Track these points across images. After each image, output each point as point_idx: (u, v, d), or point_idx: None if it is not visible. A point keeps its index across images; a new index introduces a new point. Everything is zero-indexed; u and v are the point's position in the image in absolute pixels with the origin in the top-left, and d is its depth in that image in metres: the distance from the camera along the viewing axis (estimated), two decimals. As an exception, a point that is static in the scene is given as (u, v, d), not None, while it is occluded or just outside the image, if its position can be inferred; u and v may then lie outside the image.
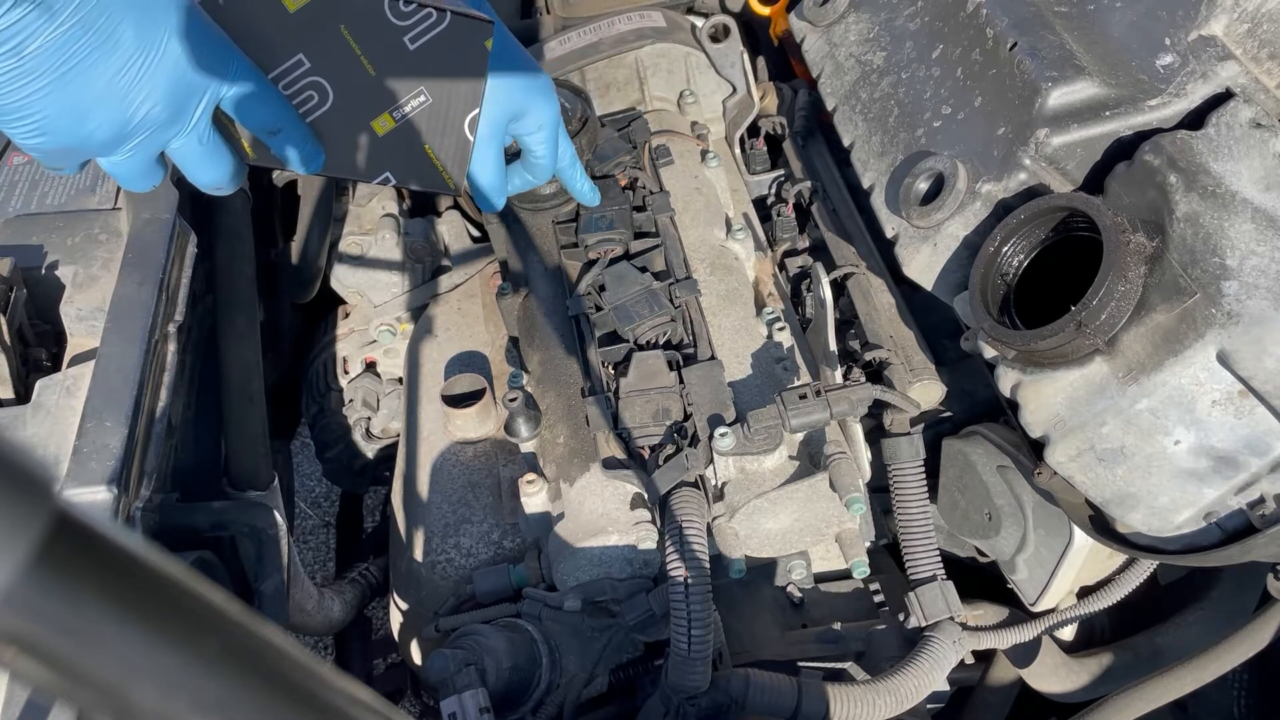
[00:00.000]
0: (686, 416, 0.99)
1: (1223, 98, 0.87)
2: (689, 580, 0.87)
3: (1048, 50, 0.95)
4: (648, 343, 1.05)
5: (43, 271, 0.99)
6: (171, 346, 0.98)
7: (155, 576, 0.32)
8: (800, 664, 1.01)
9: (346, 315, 1.48)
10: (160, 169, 0.75)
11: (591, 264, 1.13)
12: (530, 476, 1.03)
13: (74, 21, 0.66)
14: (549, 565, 1.01)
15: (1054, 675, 1.09)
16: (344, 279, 1.44)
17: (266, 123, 0.77)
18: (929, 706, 1.03)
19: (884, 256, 1.19)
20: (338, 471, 1.49)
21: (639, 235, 1.15)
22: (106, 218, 1.03)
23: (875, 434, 1.08)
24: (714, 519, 0.97)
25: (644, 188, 1.19)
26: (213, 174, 0.76)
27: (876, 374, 1.09)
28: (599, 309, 1.07)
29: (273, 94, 0.76)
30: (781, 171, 1.37)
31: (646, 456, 0.99)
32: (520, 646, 0.97)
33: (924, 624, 1.00)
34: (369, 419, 1.41)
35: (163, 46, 0.69)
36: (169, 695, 0.32)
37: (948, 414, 1.13)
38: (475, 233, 1.53)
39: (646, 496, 0.98)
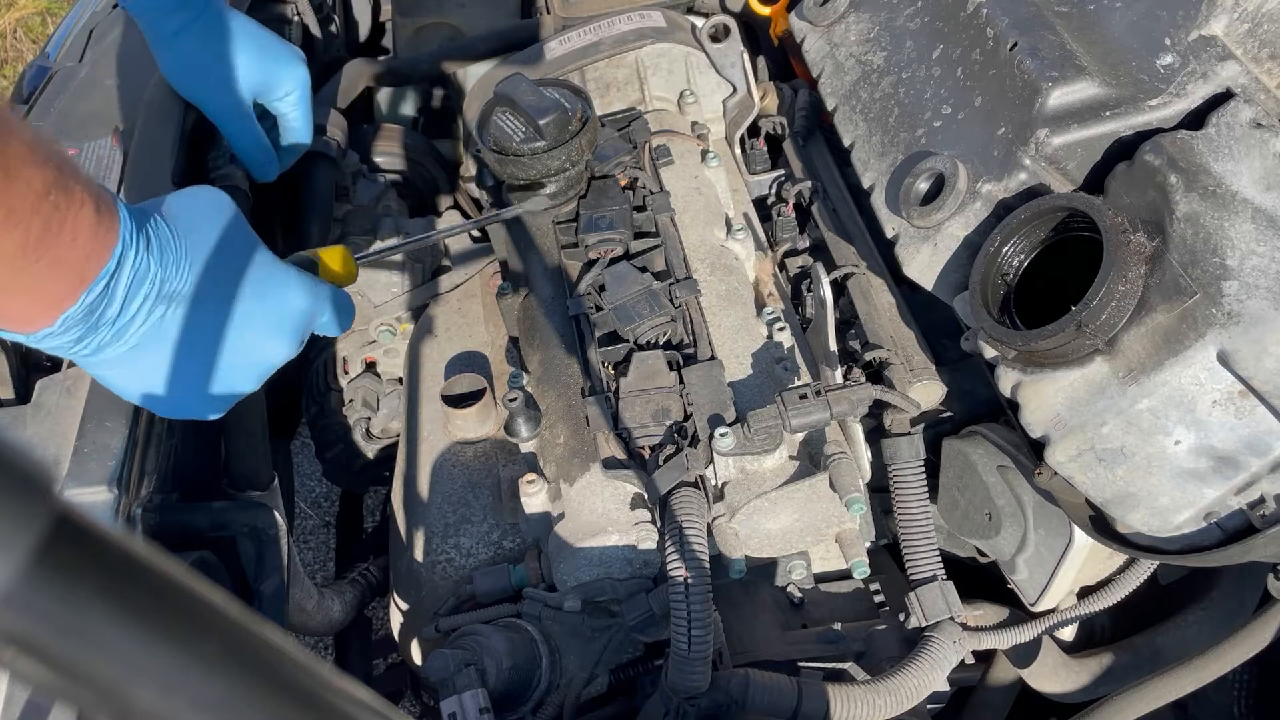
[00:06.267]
0: (686, 416, 0.99)
1: (1223, 98, 0.87)
2: (689, 580, 0.87)
3: (1048, 50, 0.95)
4: (648, 343, 1.05)
5: (43, 271, 0.98)
6: (171, 346, 0.98)
7: (155, 576, 0.32)
8: (800, 664, 1.01)
9: (346, 315, 1.47)
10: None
11: (591, 264, 1.13)
12: (530, 476, 1.03)
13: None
14: (549, 565, 1.01)
15: (1054, 675, 1.09)
16: (344, 279, 1.44)
17: None
18: (929, 706, 1.02)
19: (884, 256, 1.19)
20: (338, 471, 1.49)
21: (639, 235, 1.15)
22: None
23: (875, 434, 1.08)
24: (714, 519, 0.97)
25: (644, 188, 1.19)
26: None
27: (876, 374, 1.09)
28: (599, 309, 1.07)
29: None
30: (781, 171, 1.37)
31: (646, 456, 0.99)
32: (520, 646, 0.97)
33: (924, 624, 1.00)
34: (369, 419, 1.41)
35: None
36: (169, 695, 0.32)
37: (948, 414, 1.13)
38: (475, 233, 1.53)
39: (646, 496, 0.98)
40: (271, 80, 1.14)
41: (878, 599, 1.11)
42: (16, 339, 0.73)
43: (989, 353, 0.92)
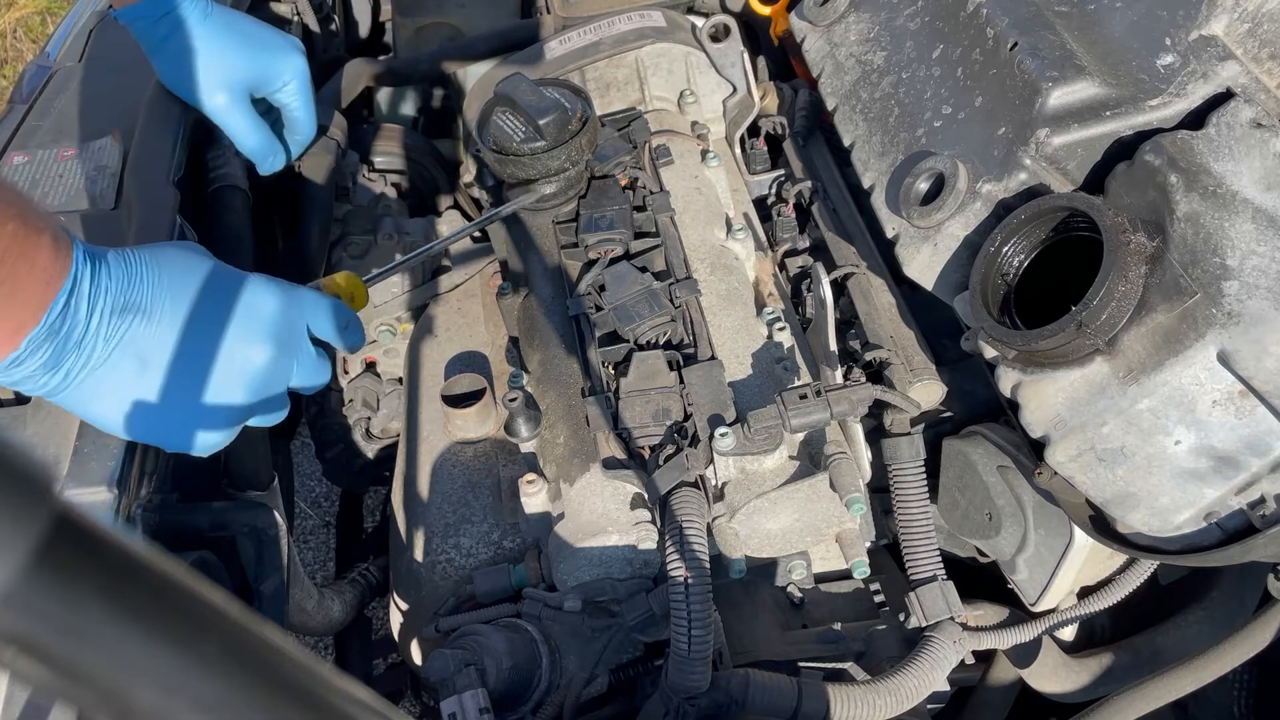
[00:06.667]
0: (686, 416, 0.99)
1: (1223, 98, 0.87)
2: (689, 580, 0.87)
3: (1048, 50, 0.95)
4: (648, 343, 1.05)
5: (43, 271, 0.98)
6: (171, 346, 0.98)
7: (155, 576, 0.32)
8: (800, 664, 1.01)
9: (346, 315, 1.47)
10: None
11: (591, 264, 1.13)
12: (530, 476, 1.03)
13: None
14: (549, 565, 1.01)
15: (1054, 675, 1.09)
16: (344, 279, 1.44)
17: None
18: (929, 706, 1.02)
19: (884, 256, 1.19)
20: (338, 471, 1.49)
21: (639, 235, 1.15)
22: (106, 218, 1.03)
23: (875, 434, 1.08)
24: (714, 519, 0.97)
25: (644, 188, 1.19)
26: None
27: (877, 374, 1.09)
28: (599, 309, 1.07)
29: None
30: (782, 171, 1.37)
31: (646, 456, 0.99)
32: (520, 646, 0.97)
33: (924, 624, 1.00)
34: (369, 419, 1.41)
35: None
36: (169, 695, 0.32)
37: (948, 414, 1.13)
38: (475, 233, 1.53)
39: (646, 496, 0.98)
40: (268, 73, 1.15)
41: (878, 599, 1.11)
42: None
43: (989, 353, 0.92)
